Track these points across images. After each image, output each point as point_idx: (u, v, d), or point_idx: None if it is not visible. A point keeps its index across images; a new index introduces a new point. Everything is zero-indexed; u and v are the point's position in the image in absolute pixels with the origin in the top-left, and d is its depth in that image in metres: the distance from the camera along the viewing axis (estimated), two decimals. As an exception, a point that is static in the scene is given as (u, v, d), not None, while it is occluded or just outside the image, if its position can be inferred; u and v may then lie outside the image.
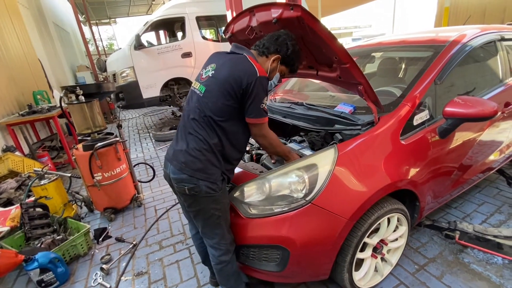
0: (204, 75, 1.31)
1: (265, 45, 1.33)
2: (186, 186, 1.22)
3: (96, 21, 15.59)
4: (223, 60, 1.28)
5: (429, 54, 1.76)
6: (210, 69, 1.29)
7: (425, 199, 1.65)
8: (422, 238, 1.95)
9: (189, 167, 1.21)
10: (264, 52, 1.33)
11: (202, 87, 1.27)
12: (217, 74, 1.24)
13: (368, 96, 1.42)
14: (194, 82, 1.37)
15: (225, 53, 1.35)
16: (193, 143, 1.23)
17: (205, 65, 1.36)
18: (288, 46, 1.32)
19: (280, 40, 1.32)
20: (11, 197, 2.64)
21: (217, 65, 1.27)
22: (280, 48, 1.32)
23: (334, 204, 1.27)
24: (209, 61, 1.36)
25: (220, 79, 1.21)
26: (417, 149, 1.51)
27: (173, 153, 1.30)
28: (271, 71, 1.36)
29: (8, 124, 3.59)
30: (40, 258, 1.75)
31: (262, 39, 1.36)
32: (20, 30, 5.37)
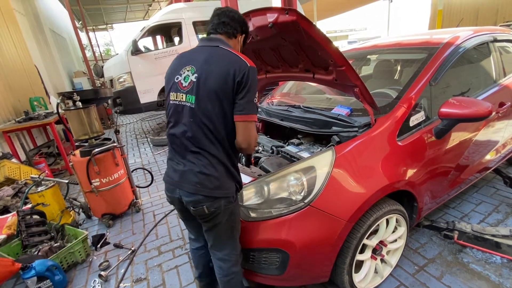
0: (184, 82, 1.14)
1: (232, 26, 1.22)
2: (205, 206, 1.13)
3: (93, 27, 15.63)
4: (201, 58, 1.13)
5: (424, 56, 1.78)
6: (188, 73, 1.14)
7: (423, 199, 1.65)
8: (421, 239, 1.95)
9: (205, 187, 1.12)
10: (234, 33, 1.24)
11: (190, 97, 1.11)
12: (203, 77, 1.09)
13: (364, 98, 1.44)
14: (172, 94, 1.18)
15: (197, 50, 1.20)
16: (202, 160, 1.13)
17: (174, 70, 1.19)
18: (246, 23, 1.29)
19: (238, 17, 1.25)
20: (8, 204, 2.62)
21: (198, 67, 1.12)
22: (243, 26, 1.27)
23: (332, 206, 1.27)
24: (179, 64, 1.20)
25: (211, 82, 1.08)
26: (414, 150, 1.53)
27: (179, 176, 1.16)
28: (241, 50, 1.32)
29: (5, 131, 3.57)
30: (37, 266, 1.73)
31: (221, 20, 1.22)
32: (16, 37, 5.37)
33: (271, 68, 2.08)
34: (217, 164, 1.13)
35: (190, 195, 1.14)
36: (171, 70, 1.23)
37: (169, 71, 1.24)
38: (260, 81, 2.40)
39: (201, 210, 1.14)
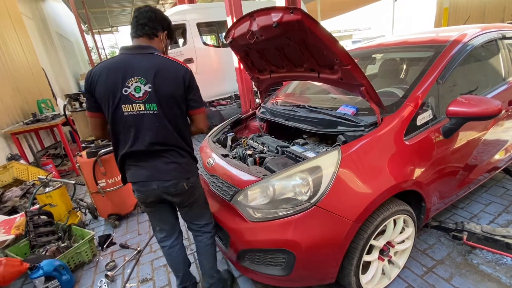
0: (136, 94, 1.19)
1: (151, 26, 1.27)
2: (184, 183, 1.35)
3: (98, 30, 15.82)
4: (144, 68, 1.20)
5: (430, 54, 1.76)
6: (137, 84, 1.19)
7: (431, 199, 1.63)
8: (429, 240, 1.92)
9: (180, 172, 1.34)
10: (154, 33, 1.29)
11: (150, 105, 1.21)
12: (159, 85, 1.20)
13: (370, 97, 1.42)
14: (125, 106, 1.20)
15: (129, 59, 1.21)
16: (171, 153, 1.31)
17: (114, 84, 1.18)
18: (167, 19, 1.34)
19: (158, 16, 1.30)
20: (16, 205, 2.66)
21: (147, 77, 1.19)
22: (163, 24, 1.32)
23: (339, 206, 1.26)
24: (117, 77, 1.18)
25: (167, 89, 1.22)
26: (421, 149, 1.50)
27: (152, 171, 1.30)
28: (165, 47, 1.38)
29: (13, 133, 3.62)
30: (45, 266, 1.75)
31: (139, 22, 1.26)
32: (24, 41, 5.46)
33: (275, 68, 2.07)
34: (184, 154, 1.36)
35: (168, 181, 1.32)
36: (108, 84, 1.19)
37: (106, 86, 1.19)
38: (265, 81, 2.40)
39: (182, 187, 1.35)
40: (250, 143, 2.10)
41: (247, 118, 2.57)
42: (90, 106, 1.29)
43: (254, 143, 2.06)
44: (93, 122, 1.32)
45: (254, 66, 2.29)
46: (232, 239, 1.44)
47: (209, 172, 1.76)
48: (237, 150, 2.02)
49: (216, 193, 1.61)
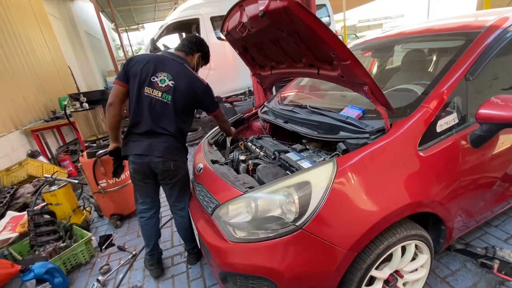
0: (160, 83, 1.57)
1: (189, 46, 1.75)
2: (171, 163, 1.61)
3: (125, 28, 16.40)
4: (174, 70, 1.60)
5: (460, 43, 1.45)
6: (164, 78, 1.57)
7: (454, 220, 1.35)
8: (452, 264, 1.63)
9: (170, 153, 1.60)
10: (191, 52, 1.75)
11: (166, 96, 1.58)
12: (179, 85, 1.58)
13: (376, 98, 1.18)
14: (145, 88, 1.56)
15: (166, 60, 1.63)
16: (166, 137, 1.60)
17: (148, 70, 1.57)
18: (205, 46, 1.81)
19: (198, 42, 1.78)
20: (28, 201, 2.75)
21: (172, 75, 1.58)
22: (199, 47, 1.77)
23: (329, 231, 1.05)
24: (154, 67, 1.58)
25: (183, 90, 1.59)
26: (441, 162, 1.23)
27: (148, 147, 1.57)
28: (197, 65, 1.80)
29: (33, 130, 3.79)
30: (36, 268, 1.74)
31: (183, 41, 1.76)
32: (50, 41, 5.72)
33: (275, 63, 1.87)
34: (178, 142, 1.66)
35: (159, 158, 1.58)
36: (144, 69, 1.57)
37: (141, 69, 1.57)
38: (267, 78, 2.20)
39: (168, 165, 1.61)
40: (248, 146, 1.94)
41: (250, 117, 2.39)
42: (121, 76, 1.60)
43: (252, 146, 1.89)
44: (116, 89, 1.60)
45: (255, 62, 2.10)
46: (212, 257, 1.30)
47: (196, 179, 1.63)
48: (234, 153, 1.87)
49: (200, 203, 1.48)
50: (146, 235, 1.84)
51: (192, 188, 1.79)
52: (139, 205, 1.81)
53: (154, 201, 1.83)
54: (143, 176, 1.68)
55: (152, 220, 1.82)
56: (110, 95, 1.60)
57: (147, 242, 1.85)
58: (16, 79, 3.98)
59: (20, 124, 3.78)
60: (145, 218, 1.80)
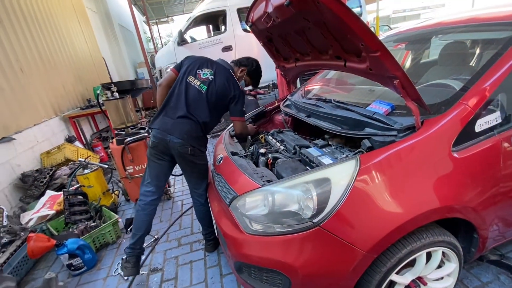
0: (202, 76, 1.75)
1: (240, 60, 1.96)
2: (189, 148, 1.67)
3: (156, 21, 16.87)
4: (217, 68, 1.78)
5: (508, 34, 1.29)
6: (207, 72, 1.76)
7: (489, 229, 1.24)
8: (483, 276, 1.51)
9: (189, 138, 1.68)
10: (238, 64, 1.94)
11: (203, 86, 1.73)
12: (216, 80, 1.74)
13: (407, 93, 1.10)
14: (189, 76, 1.74)
15: (218, 62, 1.84)
16: (189, 122, 1.69)
17: (197, 65, 1.77)
18: (253, 64, 1.95)
19: (251, 60, 1.97)
20: (64, 182, 2.98)
21: (215, 72, 1.76)
22: (248, 64, 1.94)
23: (348, 231, 1.01)
24: (203, 63, 1.79)
25: (219, 85, 1.73)
26: (478, 165, 1.13)
27: (171, 126, 1.67)
28: (240, 77, 1.92)
29: (70, 117, 4.07)
30: (69, 244, 1.89)
31: (238, 59, 1.97)
32: (87, 32, 6.05)
33: (300, 55, 1.82)
34: (200, 131, 1.74)
35: (178, 139, 1.66)
36: (195, 63, 1.80)
37: (192, 62, 1.80)
38: (291, 70, 2.15)
39: (186, 149, 1.68)
40: (268, 140, 1.92)
41: (272, 111, 2.37)
42: (177, 66, 1.84)
43: (272, 140, 1.87)
44: (169, 74, 1.83)
45: (280, 54, 2.06)
46: (228, 247, 1.32)
47: (216, 170, 1.65)
48: (254, 146, 1.86)
49: (219, 194, 1.50)
50: (138, 222, 1.81)
51: (212, 178, 1.82)
52: (144, 186, 1.84)
53: (159, 186, 1.85)
54: (159, 153, 1.74)
55: (149, 207, 1.82)
56: (162, 79, 1.85)
57: (135, 231, 1.80)
58: (57, 69, 4.28)
59: (60, 111, 4.08)
60: (144, 202, 1.81)
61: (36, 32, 3.86)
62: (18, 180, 2.85)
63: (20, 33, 3.48)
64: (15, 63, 3.25)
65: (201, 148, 1.76)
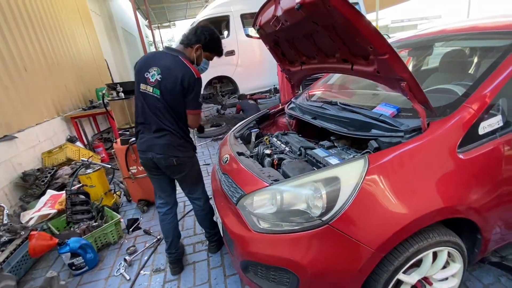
0: (151, 78, 1.55)
1: (188, 37, 1.63)
2: (174, 159, 1.61)
3: (158, 25, 17.05)
4: (164, 63, 1.54)
5: (508, 42, 1.34)
6: (154, 73, 1.54)
7: (492, 230, 1.26)
8: (484, 278, 1.53)
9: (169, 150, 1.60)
10: (188, 44, 1.62)
11: (156, 91, 1.55)
12: (165, 78, 1.52)
13: (414, 95, 1.13)
14: (141, 84, 1.57)
15: (162, 54, 1.61)
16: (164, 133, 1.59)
17: (144, 67, 1.57)
18: (205, 35, 1.61)
19: (199, 32, 1.61)
20: (65, 182, 2.97)
21: (161, 69, 1.53)
22: (199, 38, 1.61)
23: (357, 229, 1.03)
24: (148, 64, 1.57)
25: (169, 82, 1.51)
26: (482, 166, 1.16)
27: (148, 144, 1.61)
28: (197, 58, 1.65)
29: (72, 117, 4.07)
30: (72, 243, 1.88)
31: (184, 33, 1.71)
32: (90, 35, 6.10)
33: (306, 58, 1.86)
34: (179, 136, 1.62)
35: (159, 155, 1.60)
36: (141, 65, 1.59)
37: (140, 66, 1.60)
38: (296, 73, 2.18)
39: (171, 161, 1.61)
40: (273, 142, 1.94)
41: (276, 113, 2.39)
42: None
43: (277, 142, 1.89)
44: None
45: (285, 57, 2.10)
46: (235, 246, 1.32)
47: (222, 170, 1.66)
48: (259, 148, 1.88)
49: (225, 193, 1.51)
50: (163, 230, 1.86)
51: (218, 179, 1.83)
52: (157, 199, 1.85)
53: (169, 196, 1.84)
54: (151, 170, 1.73)
55: (167, 217, 1.83)
56: None
57: (165, 238, 1.85)
58: (60, 69, 4.30)
59: (62, 111, 4.08)
60: (161, 213, 1.83)
61: (40, 32, 3.89)
62: (19, 178, 2.84)
63: (25, 33, 3.51)
64: (20, 62, 3.27)
65: (186, 155, 1.67)
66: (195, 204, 1.87)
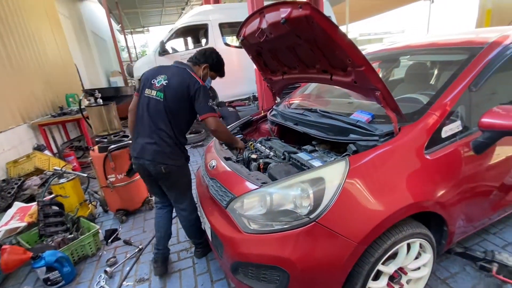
0: (157, 84, 1.66)
1: (197, 57, 1.81)
2: (162, 167, 1.63)
3: (131, 30, 16.59)
4: (171, 72, 1.68)
5: (464, 57, 1.55)
6: (161, 79, 1.66)
7: (455, 223, 1.42)
8: (452, 267, 1.69)
9: (159, 157, 1.63)
10: (197, 62, 1.80)
11: (160, 94, 1.64)
12: (171, 82, 1.64)
13: (387, 103, 1.26)
14: (146, 89, 1.69)
15: (171, 66, 1.75)
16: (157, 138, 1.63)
17: (152, 75, 1.70)
18: (213, 57, 1.82)
19: (207, 54, 1.81)
20: (34, 193, 2.78)
21: (168, 76, 1.66)
22: (207, 59, 1.80)
23: (342, 224, 1.12)
24: (157, 72, 1.71)
25: (175, 86, 1.63)
26: (445, 165, 1.31)
27: (142, 147, 1.65)
28: (204, 75, 1.81)
29: (40, 124, 3.83)
30: (47, 256, 1.78)
31: (194, 54, 1.83)
32: (59, 38, 5.80)
33: (287, 69, 1.96)
34: (170, 143, 1.65)
35: (148, 161, 1.64)
36: (149, 74, 1.73)
37: (147, 75, 1.73)
38: (278, 82, 2.29)
39: (159, 169, 1.64)
40: (257, 147, 2.01)
41: (258, 120, 2.47)
42: (137, 88, 1.82)
43: (261, 147, 1.96)
44: (134, 100, 1.78)
45: (267, 67, 2.19)
46: (225, 249, 1.35)
47: (209, 175, 1.69)
48: (244, 153, 1.94)
49: (214, 198, 1.54)
50: (156, 224, 1.92)
51: (204, 185, 1.84)
52: (155, 197, 1.96)
53: (163, 197, 1.89)
54: (144, 175, 1.78)
55: (161, 211, 1.92)
56: (131, 104, 1.80)
57: (156, 232, 1.91)
58: (26, 74, 4.04)
59: (28, 118, 3.82)
60: (157, 207, 1.95)
61: (6, 35, 3.65)
62: (-19, 191, 2.61)
63: (-11, 35, 3.28)
64: (-18, 66, 3.04)
65: (176, 163, 1.68)
66: (180, 214, 1.86)
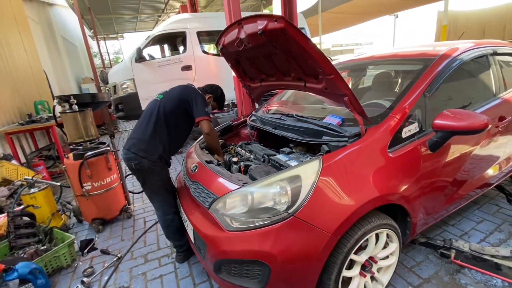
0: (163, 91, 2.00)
1: (205, 88, 2.13)
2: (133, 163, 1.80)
3: (104, 36, 16.10)
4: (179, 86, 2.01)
5: (419, 67, 1.75)
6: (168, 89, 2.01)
7: (417, 214, 1.58)
8: (417, 257, 1.86)
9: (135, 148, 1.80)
10: (205, 92, 2.08)
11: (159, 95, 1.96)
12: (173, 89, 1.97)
13: (354, 107, 1.40)
14: None
15: None
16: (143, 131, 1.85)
17: None
18: (218, 91, 2.17)
19: (214, 87, 2.16)
20: (2, 205, 2.61)
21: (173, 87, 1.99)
22: (213, 91, 2.13)
23: (317, 217, 1.22)
24: None
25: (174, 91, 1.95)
26: (406, 162, 1.47)
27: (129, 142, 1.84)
28: (208, 103, 2.03)
29: (7, 133, 3.62)
30: (20, 268, 1.70)
31: (205, 86, 2.15)
32: (27, 43, 5.53)
33: (265, 76, 2.08)
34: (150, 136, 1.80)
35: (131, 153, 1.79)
36: None
37: None
38: (256, 89, 2.39)
39: (130, 165, 1.80)
40: (238, 151, 2.08)
41: (238, 125, 2.55)
42: None
43: (241, 151, 2.04)
44: None
45: (246, 74, 2.30)
46: (208, 248, 1.40)
47: (191, 178, 1.73)
48: (225, 156, 2.00)
49: (196, 200, 1.58)
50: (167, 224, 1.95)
51: (185, 188, 1.87)
52: None
53: None
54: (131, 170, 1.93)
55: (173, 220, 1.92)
56: None
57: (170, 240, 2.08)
58: (-9, 80, 3.82)
59: (-8, 126, 3.60)
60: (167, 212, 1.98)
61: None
62: None
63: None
64: None
65: (149, 159, 1.78)
66: (156, 214, 1.98)
